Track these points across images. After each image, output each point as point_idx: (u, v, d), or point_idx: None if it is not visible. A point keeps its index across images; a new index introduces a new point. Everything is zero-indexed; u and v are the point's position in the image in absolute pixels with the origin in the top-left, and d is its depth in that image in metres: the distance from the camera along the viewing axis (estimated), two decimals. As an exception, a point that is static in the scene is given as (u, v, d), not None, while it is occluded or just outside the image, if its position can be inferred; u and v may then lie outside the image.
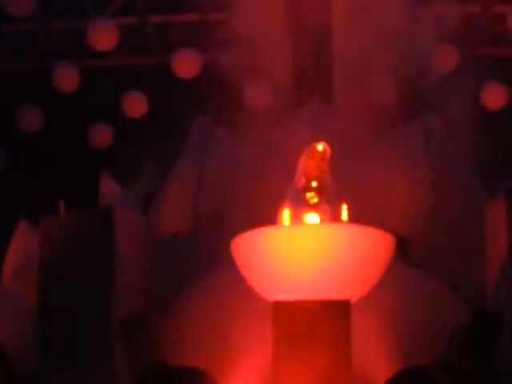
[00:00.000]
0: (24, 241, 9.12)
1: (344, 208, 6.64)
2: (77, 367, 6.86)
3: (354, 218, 6.67)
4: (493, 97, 11.97)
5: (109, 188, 9.38)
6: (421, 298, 7.16)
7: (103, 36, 11.15)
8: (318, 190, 6.70)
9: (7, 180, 11.57)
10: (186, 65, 11.41)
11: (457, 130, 10.03)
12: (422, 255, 8.19)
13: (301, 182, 6.80)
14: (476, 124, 11.42)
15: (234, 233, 6.62)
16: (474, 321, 6.61)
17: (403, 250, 7.71)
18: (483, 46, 12.36)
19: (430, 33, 11.16)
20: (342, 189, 6.99)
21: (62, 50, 11.45)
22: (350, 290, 6.32)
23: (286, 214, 6.59)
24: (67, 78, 11.48)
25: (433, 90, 11.13)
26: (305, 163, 6.83)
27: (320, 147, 6.83)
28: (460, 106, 11.09)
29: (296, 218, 6.59)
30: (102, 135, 12.02)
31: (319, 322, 6.20)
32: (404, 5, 10.86)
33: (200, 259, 8.05)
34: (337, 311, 6.23)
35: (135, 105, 11.85)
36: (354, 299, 6.38)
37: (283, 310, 6.25)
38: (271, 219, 6.73)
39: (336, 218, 6.60)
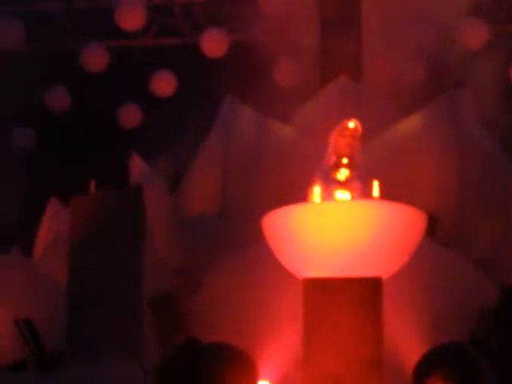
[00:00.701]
0: (55, 219, 9.19)
1: (375, 184, 6.61)
2: (106, 345, 6.88)
3: (385, 196, 6.64)
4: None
5: (138, 167, 9.40)
6: (450, 277, 7.14)
7: (131, 16, 11.15)
8: (349, 167, 6.68)
9: (38, 160, 11.63)
10: (213, 44, 11.38)
11: (485, 107, 9.95)
12: (451, 234, 8.15)
13: (331, 159, 6.77)
14: (505, 101, 11.32)
15: (262, 212, 6.62)
16: (503, 300, 6.58)
17: (433, 228, 7.68)
18: (512, 23, 12.20)
19: (460, 7, 11.05)
20: (373, 166, 6.96)
21: (89, 31, 11.46)
22: (382, 268, 6.30)
23: (316, 191, 6.56)
24: (96, 58, 11.49)
25: (462, 66, 11.02)
26: (335, 141, 6.80)
27: (351, 124, 6.80)
28: (489, 82, 10.98)
29: (327, 195, 6.57)
30: (130, 115, 12.02)
31: (350, 300, 6.19)
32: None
33: (228, 238, 8.06)
34: (368, 289, 6.21)
35: (163, 84, 11.85)
36: (385, 276, 6.36)
37: (314, 288, 6.24)
38: (301, 197, 6.72)
39: (367, 195, 6.57)
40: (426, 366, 5.56)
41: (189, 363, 5.52)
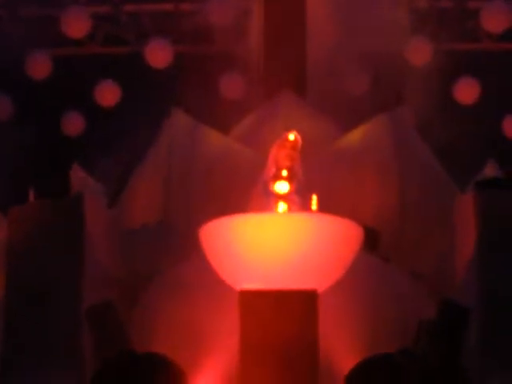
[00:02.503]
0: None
1: (314, 198, 6.64)
2: (44, 355, 6.81)
3: (324, 210, 6.68)
4: (465, 91, 12.03)
5: (79, 177, 9.32)
6: (388, 290, 7.18)
7: (77, 24, 11.09)
8: (289, 180, 6.71)
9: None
10: (158, 54, 11.37)
11: (427, 124, 10.07)
12: (391, 248, 8.22)
13: (271, 171, 6.80)
14: (447, 118, 11.49)
15: (203, 223, 6.61)
16: (441, 313, 6.64)
17: (372, 242, 7.73)
18: (455, 41, 12.41)
19: (404, 25, 11.19)
20: (313, 180, 7.01)
21: (34, 38, 11.37)
22: (318, 280, 6.32)
23: (255, 204, 6.57)
24: (40, 66, 11.40)
25: (405, 83, 11.16)
26: (276, 152, 6.84)
27: (291, 136, 6.85)
28: (431, 99, 11.13)
29: (266, 208, 6.58)
30: (74, 124, 11.96)
31: (286, 312, 6.20)
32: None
33: (169, 249, 8.03)
34: (304, 301, 6.24)
35: (108, 94, 11.80)
36: (321, 289, 6.39)
37: (250, 299, 6.25)
38: (243, 211, 6.72)
39: (306, 208, 6.61)
40: (356, 378, 5.60)
41: (120, 374, 5.49)
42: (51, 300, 6.97)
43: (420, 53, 11.66)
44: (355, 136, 8.92)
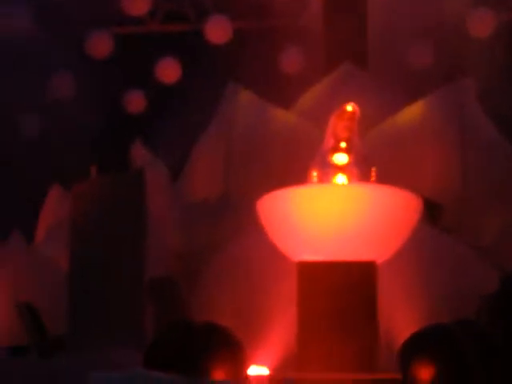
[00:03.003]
0: (57, 204, 9.20)
1: (373, 171, 6.57)
2: (107, 332, 6.89)
3: (384, 182, 6.61)
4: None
5: (140, 154, 9.40)
6: (449, 263, 7.10)
7: (137, 2, 11.13)
8: (347, 152, 6.64)
9: (40, 145, 11.64)
10: (218, 31, 11.35)
11: (491, 95, 9.89)
12: (453, 220, 8.11)
13: (330, 143, 6.75)
14: (509, 89, 11.25)
15: (262, 195, 6.60)
16: (503, 287, 6.54)
17: (434, 214, 7.65)
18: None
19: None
20: (373, 151, 6.94)
21: (95, 17, 11.44)
22: (376, 251, 6.27)
23: (314, 175, 6.53)
24: (101, 44, 11.48)
25: (468, 55, 10.96)
26: (334, 124, 6.78)
27: (349, 107, 6.78)
28: (495, 70, 10.91)
29: (324, 179, 6.54)
30: (135, 102, 12.02)
31: (345, 284, 6.17)
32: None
33: (230, 223, 8.05)
34: (363, 273, 6.19)
35: (168, 71, 11.83)
36: (380, 260, 6.34)
37: (308, 271, 6.23)
38: (302, 181, 6.68)
39: (364, 179, 6.54)
40: (410, 348, 5.55)
41: (177, 343, 5.54)
42: (114, 274, 7.03)
43: (483, 24, 11.42)
44: (417, 108, 8.81)
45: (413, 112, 8.84)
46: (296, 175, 7.00)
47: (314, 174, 6.54)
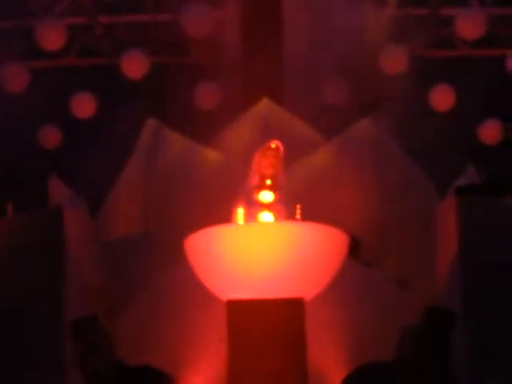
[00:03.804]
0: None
1: (298, 207, 6.65)
2: (26, 369, 6.73)
3: (307, 219, 6.68)
4: (441, 99, 12.11)
5: (58, 190, 9.26)
6: (372, 297, 7.19)
7: (52, 36, 11.02)
8: (272, 189, 6.71)
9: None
10: (135, 65, 11.33)
11: (405, 130, 10.13)
12: (372, 254, 8.24)
13: (255, 180, 6.80)
14: (424, 124, 11.56)
15: (185, 232, 6.59)
16: (426, 319, 6.65)
17: (354, 249, 7.75)
18: (431, 48, 12.51)
19: (380, 33, 11.26)
20: (295, 189, 7.01)
21: (9, 50, 11.30)
22: (305, 288, 6.32)
23: (239, 213, 6.57)
24: (16, 78, 11.33)
25: (382, 91, 11.23)
26: (258, 161, 6.84)
27: (273, 145, 6.86)
28: (408, 106, 11.20)
29: (250, 217, 6.58)
30: (51, 137, 11.90)
31: (274, 321, 6.19)
32: (355, 5, 10.95)
33: (152, 260, 7.99)
34: (291, 309, 6.23)
35: (84, 106, 11.75)
36: (308, 297, 6.38)
37: (237, 309, 6.24)
38: (224, 220, 6.71)
39: (290, 217, 6.61)
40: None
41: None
42: (33, 315, 6.89)
43: (395, 60, 11.71)
44: (335, 143, 8.95)
45: (330, 147, 8.98)
46: (217, 212, 7.02)
47: (240, 211, 6.57)
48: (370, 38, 11.15)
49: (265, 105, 9.21)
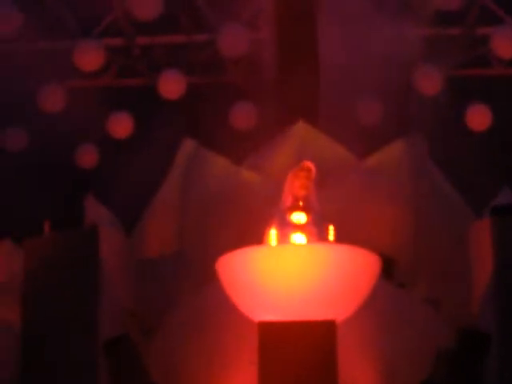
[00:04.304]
0: (8, 260, 9.07)
1: (330, 229, 6.65)
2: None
3: (341, 240, 6.68)
4: (477, 118, 12.04)
5: (94, 209, 9.34)
6: (405, 318, 7.16)
7: (90, 57, 11.16)
8: (305, 210, 6.72)
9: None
10: (171, 86, 11.42)
11: (441, 150, 10.08)
12: (406, 275, 8.21)
13: (288, 201, 6.81)
14: (461, 145, 11.49)
15: (219, 253, 6.61)
16: (460, 342, 6.61)
17: (388, 269, 7.72)
18: (466, 67, 12.46)
19: (414, 54, 11.24)
20: (329, 210, 7.01)
21: (48, 71, 11.45)
22: (337, 311, 6.32)
23: (272, 234, 6.59)
24: (54, 98, 11.47)
25: (418, 112, 11.20)
26: (291, 182, 6.86)
27: (305, 166, 6.87)
28: (445, 127, 11.15)
29: (283, 238, 6.59)
30: (88, 156, 12.02)
31: (305, 343, 6.19)
32: (388, 26, 10.95)
33: (185, 280, 8.03)
34: (323, 332, 6.22)
35: (121, 126, 11.85)
36: (339, 319, 6.38)
37: (269, 331, 6.24)
38: (258, 240, 6.73)
39: (323, 238, 6.61)
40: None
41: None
42: (68, 333, 6.95)
43: (430, 81, 11.69)
44: (370, 164, 8.94)
45: (366, 167, 8.96)
46: (252, 232, 7.05)
47: (273, 232, 6.59)
48: (405, 58, 11.13)
49: (300, 126, 9.23)
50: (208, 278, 7.05)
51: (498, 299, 6.85)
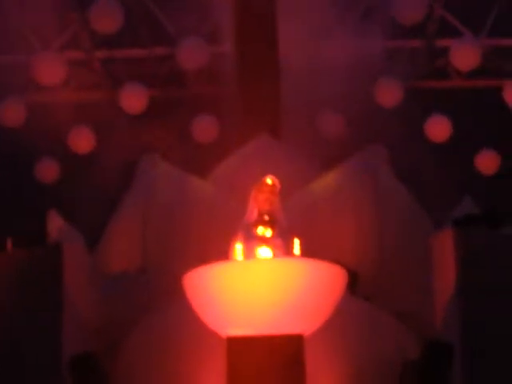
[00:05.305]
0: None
1: (296, 242, 6.67)
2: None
3: (305, 253, 6.69)
4: (437, 130, 12.16)
5: (56, 225, 9.26)
6: (371, 331, 7.19)
7: (50, 70, 11.08)
8: (270, 224, 6.72)
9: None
10: (133, 100, 11.39)
11: (402, 162, 10.16)
12: (370, 288, 8.24)
13: (253, 215, 6.82)
14: (421, 156, 11.60)
15: (183, 269, 6.59)
16: (425, 353, 6.65)
17: (352, 283, 7.75)
18: (426, 79, 12.59)
19: (375, 66, 11.34)
20: (293, 223, 7.03)
21: (7, 85, 11.36)
22: (304, 324, 6.32)
23: (238, 249, 6.58)
24: (13, 113, 11.38)
25: (378, 124, 11.28)
26: (255, 197, 6.87)
27: (269, 180, 6.89)
28: (405, 139, 11.25)
29: (248, 253, 6.59)
30: (48, 171, 11.92)
31: (273, 357, 6.19)
32: (349, 38, 11.04)
33: (149, 295, 7.98)
34: (290, 346, 6.23)
35: (83, 140, 11.79)
36: (307, 333, 6.39)
37: (237, 346, 6.23)
38: (222, 255, 6.72)
39: (288, 252, 6.62)
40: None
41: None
42: (31, 350, 6.88)
43: (391, 92, 11.78)
44: (332, 176, 8.97)
45: (328, 181, 8.99)
46: (215, 245, 7.03)
47: (239, 247, 6.59)
48: (366, 70, 11.22)
49: (263, 139, 9.24)
50: (173, 294, 7.02)
51: (461, 310, 6.91)
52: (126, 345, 7.34)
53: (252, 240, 6.65)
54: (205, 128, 11.63)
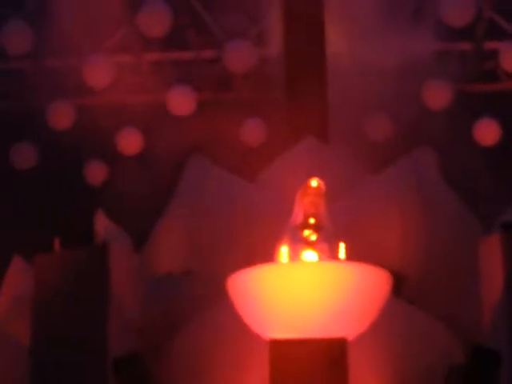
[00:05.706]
0: (18, 278, 9.07)
1: (341, 246, 6.64)
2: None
3: (351, 256, 6.67)
4: (486, 133, 12.05)
5: (104, 225, 9.35)
6: (416, 335, 7.14)
7: (99, 73, 11.20)
8: (316, 228, 6.70)
9: (1, 217, 11.56)
10: (181, 102, 11.47)
11: (451, 165, 10.08)
12: (416, 292, 8.18)
13: (298, 219, 6.80)
14: (470, 159, 11.49)
15: (228, 271, 6.61)
16: (472, 359, 6.59)
17: (398, 286, 7.70)
18: (475, 82, 12.47)
19: (423, 69, 11.27)
20: (339, 226, 7.00)
21: (57, 88, 11.50)
22: (348, 328, 6.30)
23: (283, 251, 6.57)
24: (62, 115, 11.51)
25: (426, 127, 11.21)
26: (301, 200, 6.85)
27: (314, 183, 6.87)
28: (453, 142, 11.16)
29: (294, 256, 6.58)
30: (96, 172, 12.04)
31: (316, 361, 6.17)
32: (398, 41, 10.98)
33: (194, 298, 8.01)
34: (334, 349, 6.20)
35: (130, 142, 11.89)
36: (351, 337, 6.36)
37: (280, 349, 6.22)
38: (267, 257, 6.72)
39: (333, 255, 6.60)
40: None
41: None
42: (77, 349, 6.95)
43: (439, 95, 11.70)
44: (379, 179, 8.93)
45: (373, 186, 8.95)
46: (262, 250, 7.03)
47: (284, 249, 6.58)
48: (414, 73, 11.16)
49: (309, 142, 9.23)
50: (218, 296, 7.04)
51: (509, 314, 6.83)
52: (171, 345, 7.36)
53: (297, 243, 6.64)
54: (252, 131, 11.65)
